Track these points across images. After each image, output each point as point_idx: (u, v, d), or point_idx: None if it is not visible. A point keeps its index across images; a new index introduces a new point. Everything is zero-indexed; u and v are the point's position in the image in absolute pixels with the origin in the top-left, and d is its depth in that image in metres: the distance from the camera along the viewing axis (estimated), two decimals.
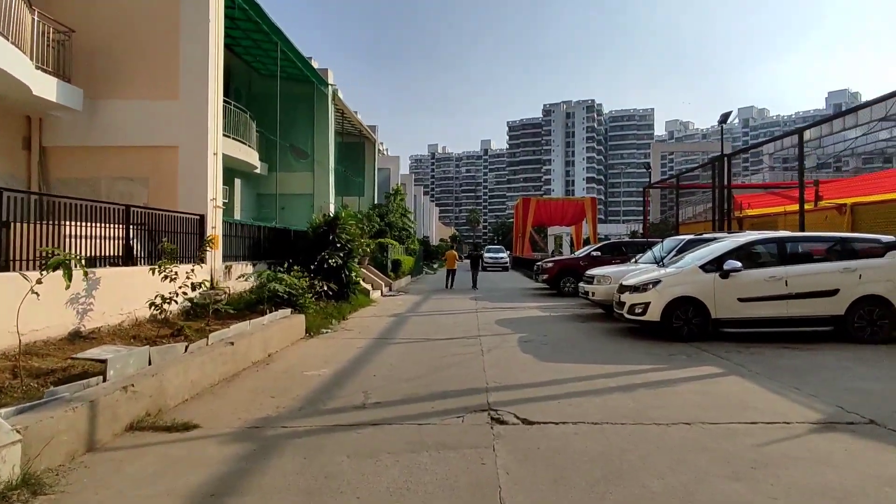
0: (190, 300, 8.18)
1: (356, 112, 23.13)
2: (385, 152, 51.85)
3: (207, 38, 9.87)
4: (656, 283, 8.82)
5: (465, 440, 4.28)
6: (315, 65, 17.77)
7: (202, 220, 9.67)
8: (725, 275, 8.53)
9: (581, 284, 12.48)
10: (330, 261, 12.09)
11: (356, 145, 25.04)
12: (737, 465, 3.75)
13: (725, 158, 16.41)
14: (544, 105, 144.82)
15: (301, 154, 16.92)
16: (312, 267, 12.41)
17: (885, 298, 8.34)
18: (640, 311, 8.85)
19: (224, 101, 13.79)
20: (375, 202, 25.83)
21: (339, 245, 12.51)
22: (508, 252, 42.11)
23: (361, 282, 15.25)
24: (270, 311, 8.85)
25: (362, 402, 5.35)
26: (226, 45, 15.58)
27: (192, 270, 7.05)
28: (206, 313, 8.25)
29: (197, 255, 7.97)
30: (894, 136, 37.14)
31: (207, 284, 7.52)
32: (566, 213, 42.47)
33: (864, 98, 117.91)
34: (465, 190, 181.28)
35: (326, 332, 9.67)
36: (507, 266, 37.41)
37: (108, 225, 7.41)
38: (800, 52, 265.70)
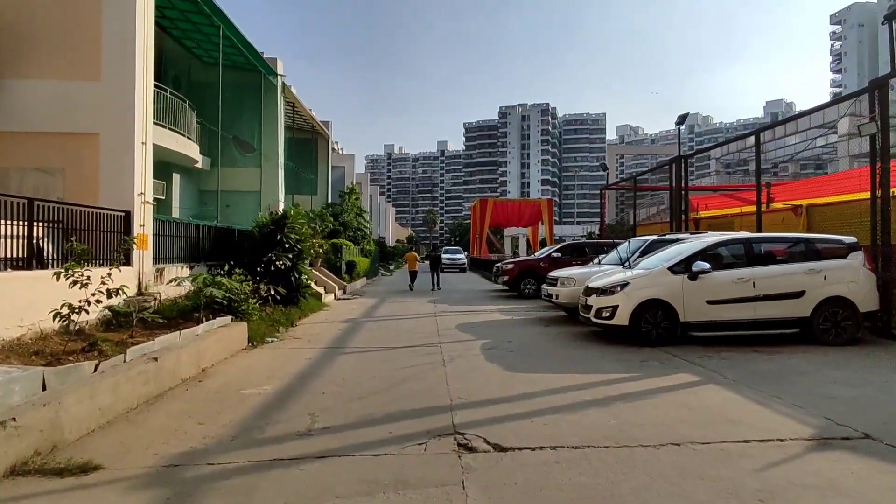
0: (110, 308, 7.16)
1: (311, 110, 22.09)
2: (340, 151, 50.51)
3: (135, 10, 8.78)
4: (624, 285, 8.44)
5: (428, 475, 3.62)
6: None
7: (128, 217, 8.58)
8: (694, 276, 8.23)
9: (544, 287, 12.05)
10: (277, 263, 11.16)
11: (308, 141, 23.88)
12: (743, 497, 3.26)
13: (683, 160, 16.43)
14: (500, 107, 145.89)
15: (247, 147, 15.78)
16: (259, 269, 11.47)
17: (848, 300, 8.24)
18: (608, 314, 8.45)
19: (159, 87, 12.62)
20: (329, 201, 24.75)
21: (287, 246, 11.58)
22: (466, 253, 41.73)
23: (313, 285, 14.33)
24: (207, 320, 7.91)
25: (308, 428, 4.60)
26: (162, 28, 14.37)
27: (109, 274, 6.07)
28: (130, 323, 7.25)
29: (116, 258, 6.95)
30: (830, 142, 39.18)
31: (129, 290, 6.54)
32: (523, 214, 42.52)
33: (798, 107, 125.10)
34: (422, 191, 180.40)
35: (272, 342, 8.80)
36: (464, 267, 37.02)
37: (6, 222, 6.32)
38: (740, 64, 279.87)
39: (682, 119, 16.43)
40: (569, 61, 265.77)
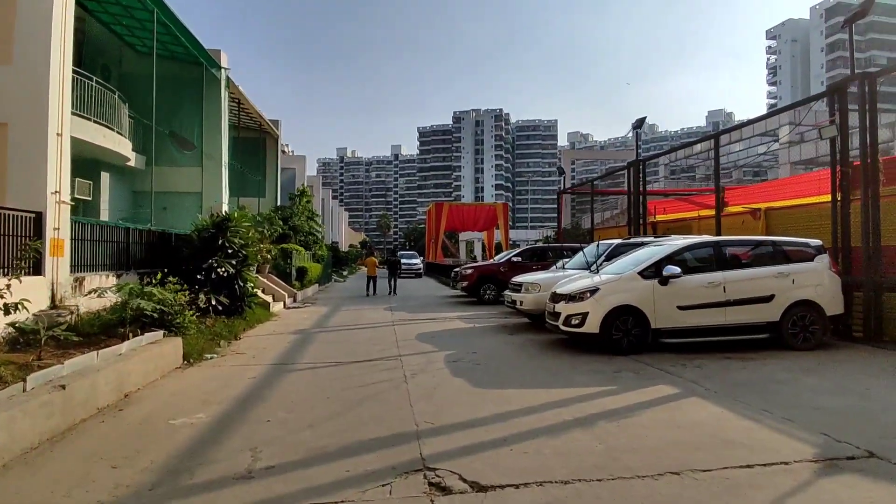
0: (14, 325, 6.11)
1: (260, 110, 20.78)
2: (290, 152, 48.91)
3: None
4: (594, 291, 8.04)
5: None
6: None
7: (39, 218, 7.47)
8: (665, 281, 7.94)
9: (507, 293, 11.57)
10: (219, 270, 10.18)
11: (256, 141, 22.48)
12: None
13: (640, 163, 16.44)
14: (454, 112, 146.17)
15: (186, 145, 14.49)
16: (199, 277, 10.46)
17: (816, 303, 8.16)
18: (578, 322, 8.02)
19: (82, 74, 11.41)
20: (278, 204, 23.51)
21: (230, 251, 10.61)
22: (421, 258, 41.08)
23: (260, 293, 13.34)
24: (134, 336, 6.95)
25: (248, 469, 3.85)
26: (90, 12, 13.07)
27: (8, 286, 5.09)
28: (39, 342, 6.21)
29: (16, 265, 5.91)
30: (771, 149, 41.01)
31: (31, 305, 5.55)
32: (478, 218, 42.37)
33: (738, 118, 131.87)
34: (376, 195, 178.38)
35: (211, 358, 7.87)
36: (420, 272, 36.29)
37: None
38: (685, 76, 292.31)
39: (639, 123, 16.46)
40: (521, 69, 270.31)
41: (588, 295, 8.04)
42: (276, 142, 24.12)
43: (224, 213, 10.97)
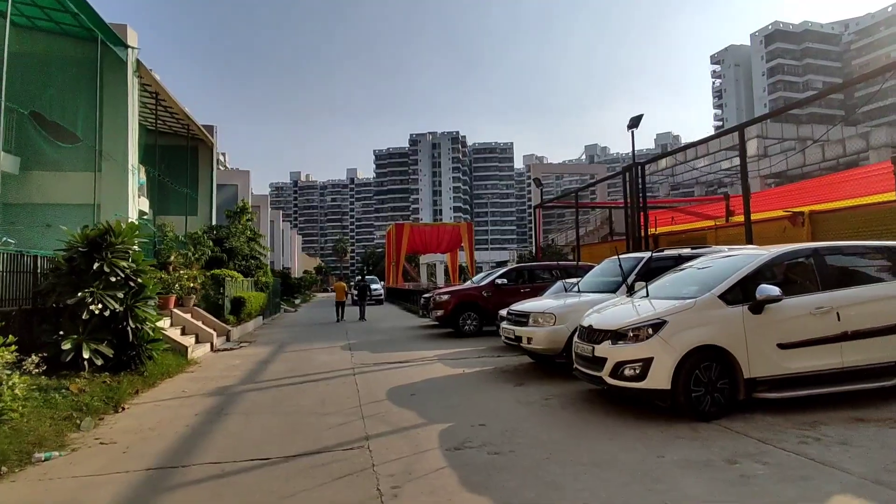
0: None
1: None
2: (232, 168, 45.08)
3: None
4: (658, 325, 5.38)
5: None
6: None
7: None
8: (759, 307, 5.39)
9: (506, 326, 8.75)
10: (92, 307, 6.94)
11: (183, 149, 18.66)
12: None
13: (638, 168, 14.22)
14: (411, 135, 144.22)
15: (62, 135, 10.89)
16: (82, 317, 7.22)
17: None
18: (635, 372, 5.33)
19: None
20: (214, 223, 19.98)
21: (115, 279, 7.39)
22: (382, 283, 38.02)
23: (174, 335, 10.08)
24: None
25: None
26: None
27: None
28: None
29: None
30: (734, 165, 40.63)
31: None
32: (442, 239, 39.81)
33: (684, 140, 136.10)
34: (331, 219, 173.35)
35: (48, 459, 4.69)
36: (381, 298, 33.15)
37: None
38: (632, 100, 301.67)
39: (635, 121, 14.31)
40: (476, 93, 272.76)
41: (650, 331, 5.37)
42: (211, 151, 20.65)
43: (105, 225, 7.74)
